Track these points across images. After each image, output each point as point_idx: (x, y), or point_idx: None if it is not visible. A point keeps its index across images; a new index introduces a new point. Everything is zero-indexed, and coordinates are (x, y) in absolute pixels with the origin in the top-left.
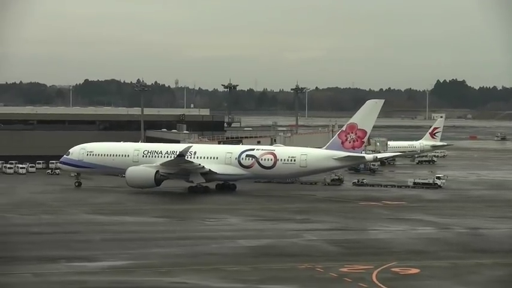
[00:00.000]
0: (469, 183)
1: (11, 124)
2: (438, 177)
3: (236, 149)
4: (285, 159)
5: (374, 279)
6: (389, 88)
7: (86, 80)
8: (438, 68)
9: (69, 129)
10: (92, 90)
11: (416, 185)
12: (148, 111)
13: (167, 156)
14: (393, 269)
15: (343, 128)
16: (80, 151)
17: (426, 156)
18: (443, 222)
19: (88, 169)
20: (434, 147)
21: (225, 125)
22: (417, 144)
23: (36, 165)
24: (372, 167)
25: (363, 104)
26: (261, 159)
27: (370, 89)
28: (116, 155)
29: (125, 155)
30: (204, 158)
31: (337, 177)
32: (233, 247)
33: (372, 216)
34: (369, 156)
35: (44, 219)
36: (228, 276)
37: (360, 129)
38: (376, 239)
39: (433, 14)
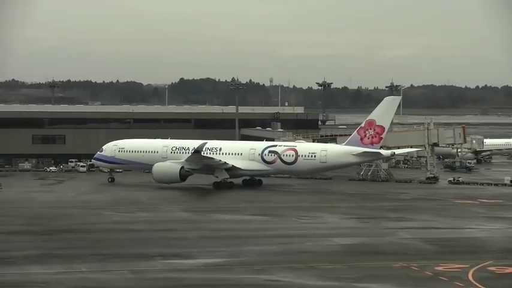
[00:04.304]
0: None
1: (108, 123)
2: None
3: (259, 145)
4: (305, 155)
5: (470, 278)
6: (486, 85)
7: (182, 79)
8: None
9: (165, 128)
10: (187, 89)
11: None
12: (243, 109)
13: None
14: (489, 268)
15: (362, 125)
16: (112, 148)
17: None
18: None
19: (120, 165)
20: None
21: (319, 123)
22: None
23: None
24: (468, 165)
25: (458, 101)
26: (283, 155)
27: (466, 86)
28: (146, 152)
29: (154, 151)
30: (228, 154)
31: (432, 175)
32: (328, 245)
33: (468, 214)
34: (386, 152)
35: (140, 216)
36: (323, 275)
37: (378, 125)
38: (471, 237)
39: None
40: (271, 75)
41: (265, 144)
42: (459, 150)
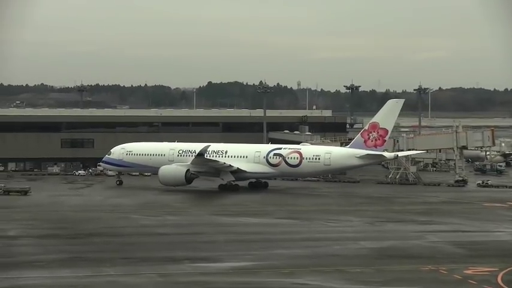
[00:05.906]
0: None
1: (136, 127)
2: None
3: (264, 148)
4: (310, 158)
5: (499, 281)
6: None
7: (209, 83)
8: None
9: (192, 131)
10: (215, 93)
11: None
12: (270, 112)
13: None
14: None
15: (366, 127)
16: (120, 151)
17: None
18: None
19: (128, 168)
20: None
21: (347, 126)
22: None
23: None
24: (499, 167)
25: (487, 104)
26: (288, 157)
27: (494, 88)
28: (153, 155)
29: (161, 155)
30: (234, 156)
31: (461, 178)
32: (356, 248)
33: (497, 217)
34: (389, 154)
35: (169, 220)
36: (351, 278)
37: (381, 128)
38: (500, 240)
39: None
40: (298, 78)
41: (270, 147)
42: (488, 153)
